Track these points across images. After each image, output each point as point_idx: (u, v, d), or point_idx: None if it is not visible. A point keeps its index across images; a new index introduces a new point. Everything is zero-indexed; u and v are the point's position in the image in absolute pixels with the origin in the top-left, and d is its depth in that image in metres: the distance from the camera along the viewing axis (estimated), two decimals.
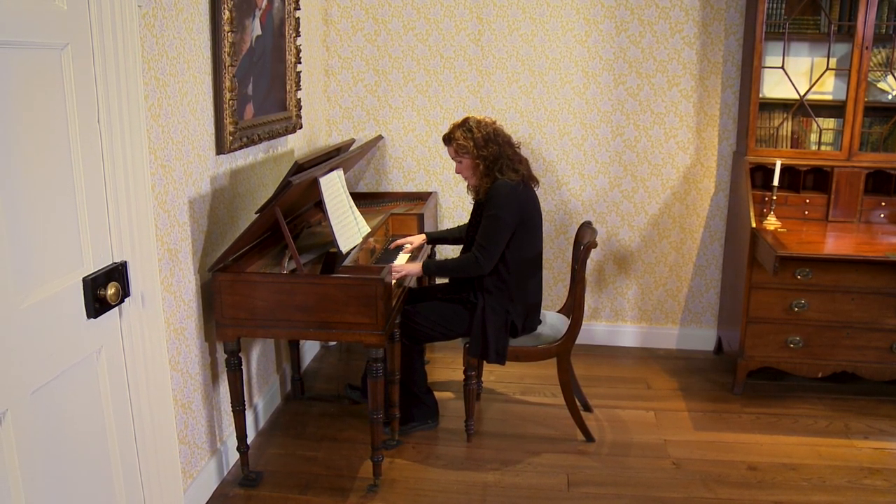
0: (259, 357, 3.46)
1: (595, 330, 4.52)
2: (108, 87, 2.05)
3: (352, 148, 3.87)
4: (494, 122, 3.17)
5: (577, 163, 4.31)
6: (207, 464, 2.91)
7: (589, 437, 3.35)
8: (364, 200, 4.21)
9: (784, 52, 3.75)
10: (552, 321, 3.39)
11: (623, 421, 3.55)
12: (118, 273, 2.12)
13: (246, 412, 3.25)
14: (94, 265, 2.03)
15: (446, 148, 3.22)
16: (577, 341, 4.40)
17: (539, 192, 4.33)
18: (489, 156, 3.09)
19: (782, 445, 3.32)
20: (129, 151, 2.13)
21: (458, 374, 3.33)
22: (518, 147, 3.22)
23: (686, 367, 4.18)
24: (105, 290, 2.02)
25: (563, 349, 3.25)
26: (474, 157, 3.10)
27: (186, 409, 2.73)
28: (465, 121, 3.14)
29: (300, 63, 3.62)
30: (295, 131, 3.67)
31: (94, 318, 2.01)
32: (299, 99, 3.68)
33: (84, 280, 1.98)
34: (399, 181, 4.47)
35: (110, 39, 2.04)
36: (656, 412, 3.64)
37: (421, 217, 3.82)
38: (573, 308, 3.24)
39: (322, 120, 4.33)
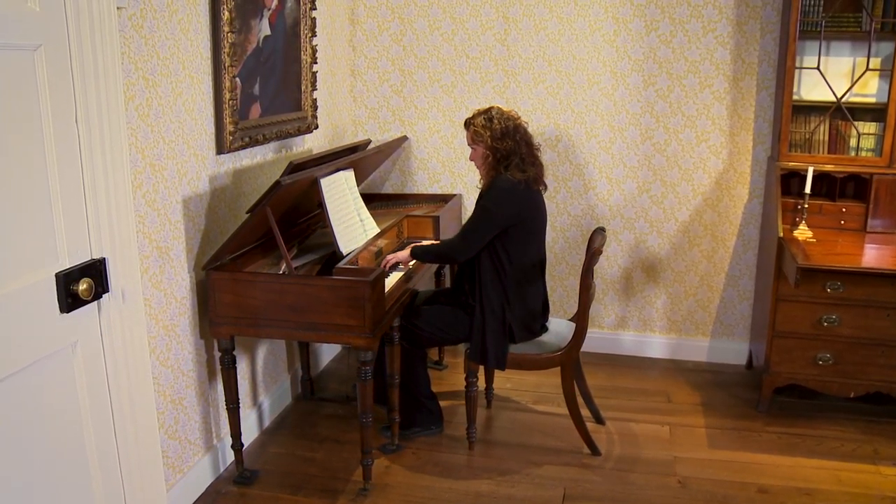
0: (266, 355, 3.49)
1: (622, 340, 4.39)
2: (86, 87, 2.07)
3: (368, 148, 3.85)
4: (518, 118, 3.11)
5: (604, 166, 4.18)
6: (201, 460, 2.94)
7: (595, 451, 3.24)
8: (387, 202, 4.20)
9: (820, 51, 3.54)
10: (559, 328, 3.28)
11: (634, 435, 3.42)
12: (95, 269, 2.15)
13: (249, 410, 3.29)
14: (69, 261, 2.07)
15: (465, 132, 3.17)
16: (604, 351, 4.33)
17: (565, 196, 4.28)
18: (502, 149, 3.04)
19: (801, 468, 3.13)
20: (108, 151, 2.15)
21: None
22: (537, 149, 3.14)
23: (713, 381, 4.00)
24: (79, 285, 2.07)
25: (567, 358, 3.14)
26: (487, 146, 3.06)
27: (178, 405, 2.76)
28: (489, 109, 3.11)
29: (316, 63, 3.63)
30: (310, 131, 3.68)
31: (67, 312, 2.05)
32: (315, 99, 3.69)
33: (57, 275, 2.01)
34: (424, 183, 4.43)
35: (87, 40, 2.06)
36: (672, 427, 3.49)
37: (437, 220, 3.77)
38: (579, 316, 3.14)
39: (348, 120, 4.33)
